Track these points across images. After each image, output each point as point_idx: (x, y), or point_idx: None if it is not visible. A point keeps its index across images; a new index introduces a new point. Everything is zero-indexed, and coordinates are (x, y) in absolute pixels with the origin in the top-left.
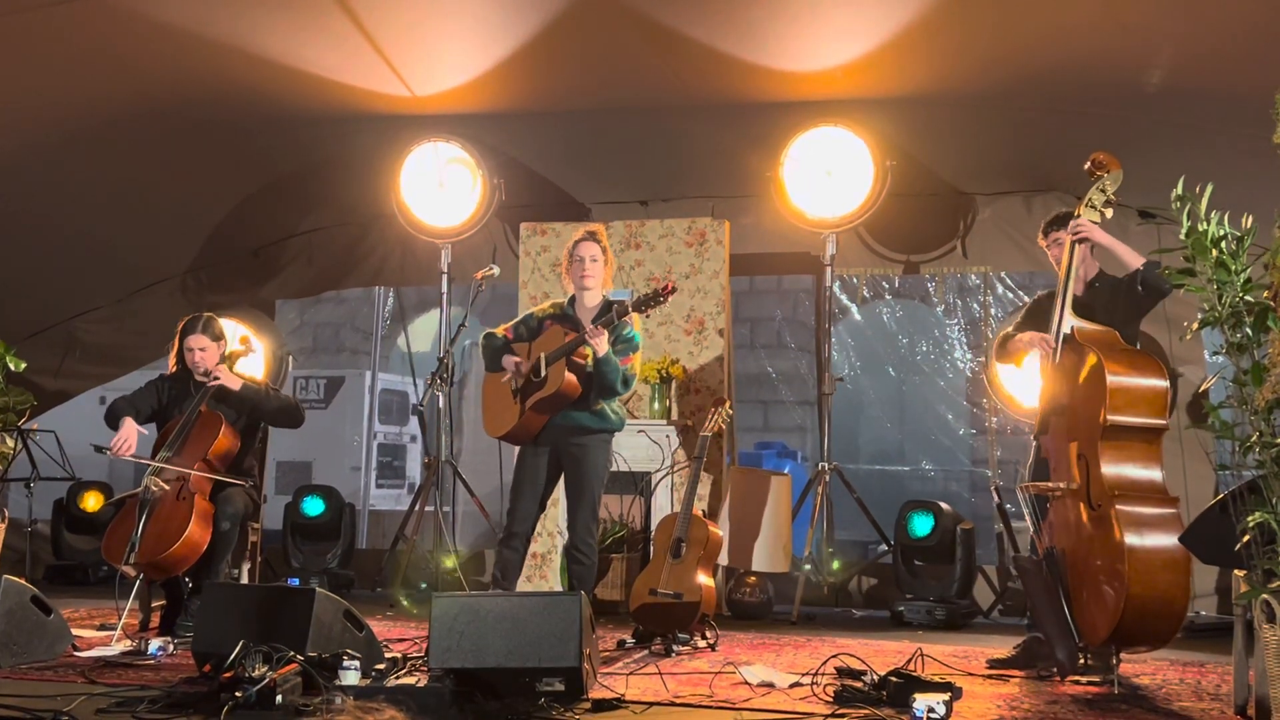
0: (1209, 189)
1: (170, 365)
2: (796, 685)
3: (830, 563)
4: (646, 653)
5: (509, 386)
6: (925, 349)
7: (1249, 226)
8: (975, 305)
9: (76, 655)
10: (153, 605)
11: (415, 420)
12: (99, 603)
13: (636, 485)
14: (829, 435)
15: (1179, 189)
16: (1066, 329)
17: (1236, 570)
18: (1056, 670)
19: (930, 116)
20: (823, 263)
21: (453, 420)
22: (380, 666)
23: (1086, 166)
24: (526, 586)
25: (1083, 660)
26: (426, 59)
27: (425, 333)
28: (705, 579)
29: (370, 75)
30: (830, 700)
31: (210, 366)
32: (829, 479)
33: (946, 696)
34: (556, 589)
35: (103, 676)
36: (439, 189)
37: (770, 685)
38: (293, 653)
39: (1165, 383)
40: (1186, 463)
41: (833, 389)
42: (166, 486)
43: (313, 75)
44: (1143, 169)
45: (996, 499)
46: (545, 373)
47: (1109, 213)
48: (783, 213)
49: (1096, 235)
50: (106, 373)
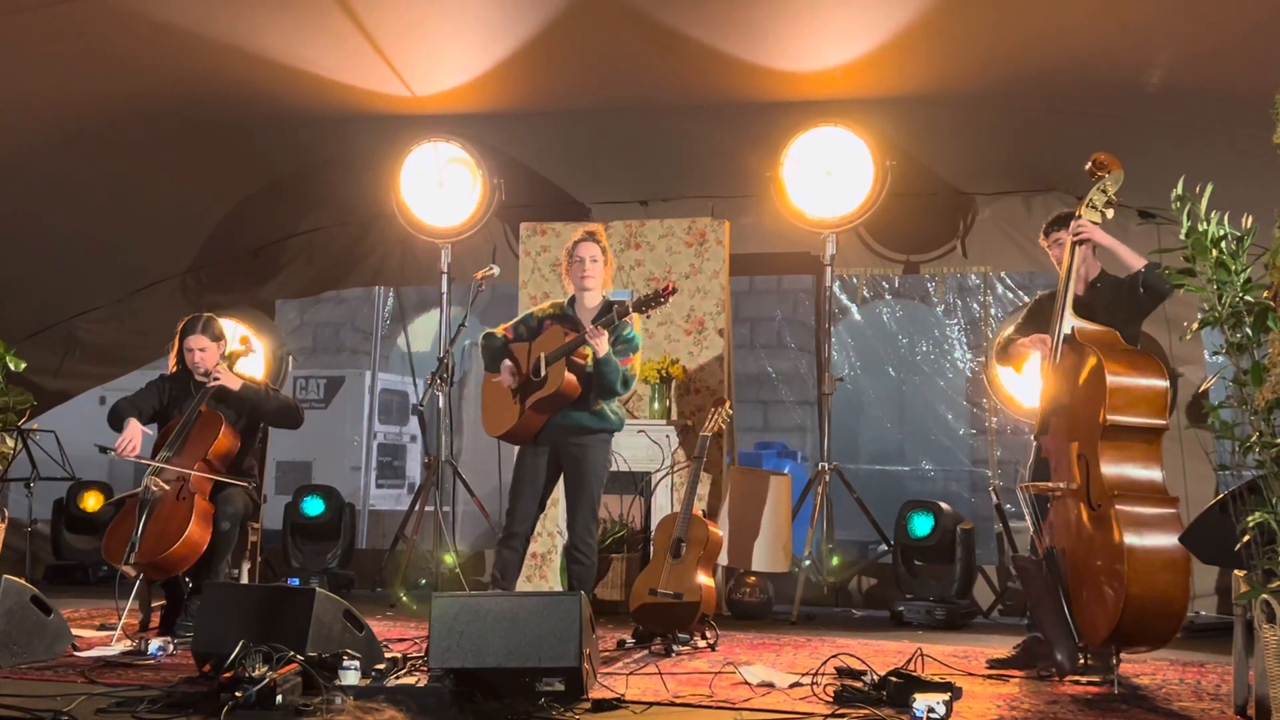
0: (1209, 189)
1: (170, 365)
2: (796, 685)
3: (830, 562)
4: (646, 653)
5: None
6: (925, 349)
7: (1249, 226)
8: (975, 305)
9: (76, 655)
10: (153, 605)
11: (415, 420)
12: (99, 603)
13: (636, 485)
14: (829, 435)
15: (1179, 189)
16: (1067, 329)
17: (1236, 570)
18: (1056, 670)
19: (930, 116)
20: (823, 263)
21: (453, 420)
22: (380, 666)
23: (1087, 167)
24: (526, 586)
25: (1083, 660)
26: (426, 59)
27: (425, 333)
28: (705, 579)
29: (370, 75)
30: (830, 700)
31: (210, 367)
32: (829, 479)
33: (946, 696)
34: (556, 589)
35: (103, 676)
36: (439, 189)
37: (770, 685)
38: (293, 653)
39: (1165, 383)
40: (1186, 463)
41: (833, 389)
42: (166, 486)
43: (313, 75)
44: (1143, 169)
45: (995, 499)
46: (545, 372)
47: (1110, 213)
48: (783, 213)
49: (1097, 236)
50: (106, 373)
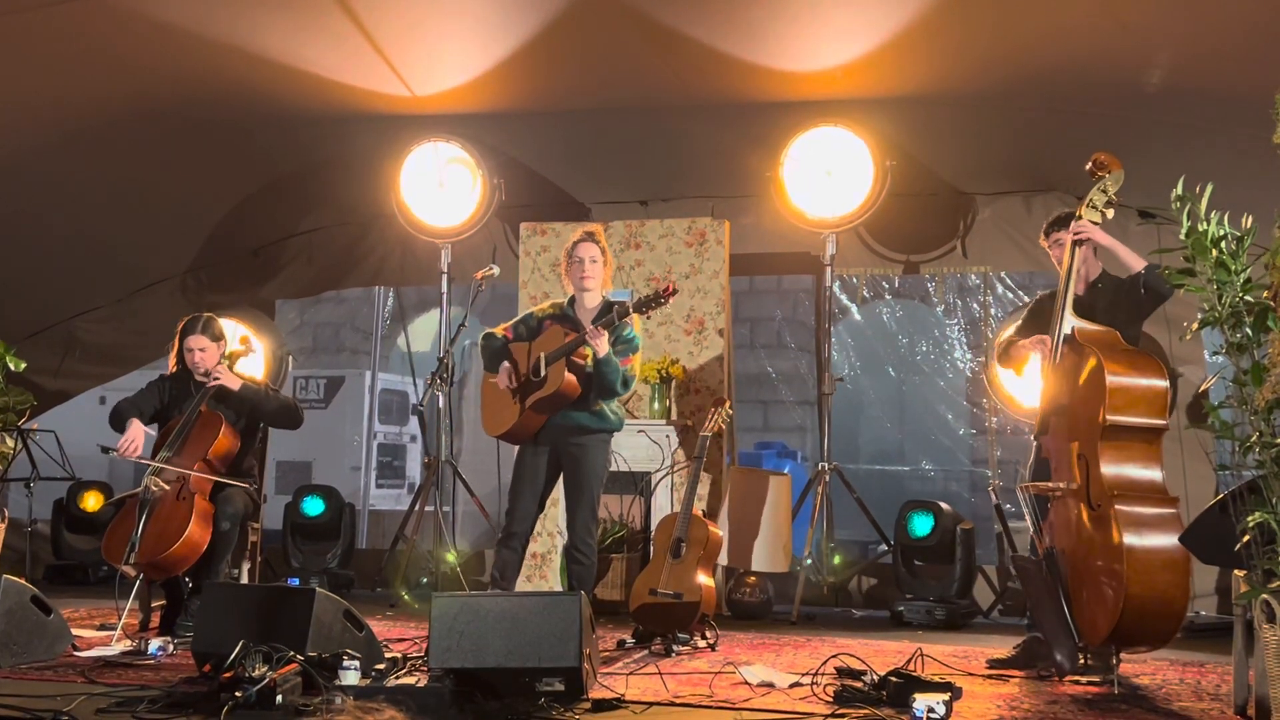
0: (1209, 189)
1: (170, 365)
2: (796, 685)
3: (830, 562)
4: (646, 653)
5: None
6: (925, 349)
7: (1249, 226)
8: (975, 305)
9: (76, 655)
10: (153, 605)
11: (415, 420)
12: (99, 603)
13: (636, 485)
14: (829, 435)
15: (1179, 189)
16: (1067, 329)
17: (1236, 570)
18: (1056, 670)
19: (930, 116)
20: (823, 263)
21: (453, 420)
22: (380, 666)
23: (1088, 167)
24: (526, 586)
25: (1083, 660)
26: (426, 59)
27: (425, 332)
28: (705, 579)
29: (370, 75)
30: (830, 700)
31: (210, 367)
32: (829, 479)
33: (946, 696)
34: (556, 589)
35: (103, 676)
36: (439, 189)
37: (770, 685)
38: (293, 653)
39: (1165, 383)
40: (1186, 463)
41: (833, 389)
42: (166, 486)
43: (313, 75)
44: (1143, 169)
45: (995, 499)
46: (545, 372)
47: (1110, 213)
48: (783, 213)
49: (1098, 236)
50: (106, 373)
